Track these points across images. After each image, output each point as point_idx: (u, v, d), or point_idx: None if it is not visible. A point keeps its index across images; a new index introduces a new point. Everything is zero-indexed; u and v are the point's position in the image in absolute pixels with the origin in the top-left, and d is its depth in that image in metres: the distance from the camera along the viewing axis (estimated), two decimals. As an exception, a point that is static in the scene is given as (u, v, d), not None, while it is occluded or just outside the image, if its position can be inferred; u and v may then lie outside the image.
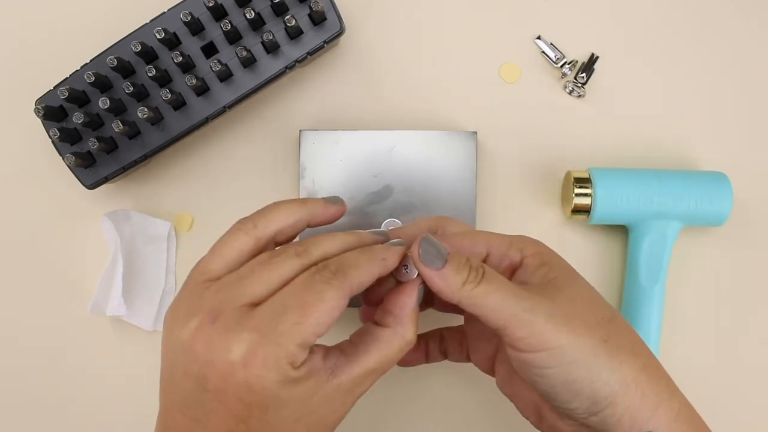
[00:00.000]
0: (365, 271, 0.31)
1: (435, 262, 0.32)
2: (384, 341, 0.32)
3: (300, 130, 0.47)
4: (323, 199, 0.35)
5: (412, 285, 0.34)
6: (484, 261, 0.35)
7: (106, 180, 0.45)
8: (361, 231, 0.35)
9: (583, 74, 0.49)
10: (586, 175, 0.47)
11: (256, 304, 0.30)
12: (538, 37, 0.49)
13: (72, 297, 0.49)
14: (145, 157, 0.45)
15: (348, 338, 0.33)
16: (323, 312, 0.29)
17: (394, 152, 0.47)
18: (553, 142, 0.50)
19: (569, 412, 0.33)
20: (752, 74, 0.51)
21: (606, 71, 0.50)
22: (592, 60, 0.49)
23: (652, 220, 0.46)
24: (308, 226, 0.35)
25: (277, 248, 0.33)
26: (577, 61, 0.50)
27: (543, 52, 0.49)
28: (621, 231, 0.49)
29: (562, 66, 0.49)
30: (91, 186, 0.46)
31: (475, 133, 0.47)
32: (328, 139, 0.47)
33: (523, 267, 0.35)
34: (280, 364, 0.28)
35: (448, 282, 0.32)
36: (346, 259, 0.32)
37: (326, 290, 0.30)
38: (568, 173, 0.48)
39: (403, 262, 0.34)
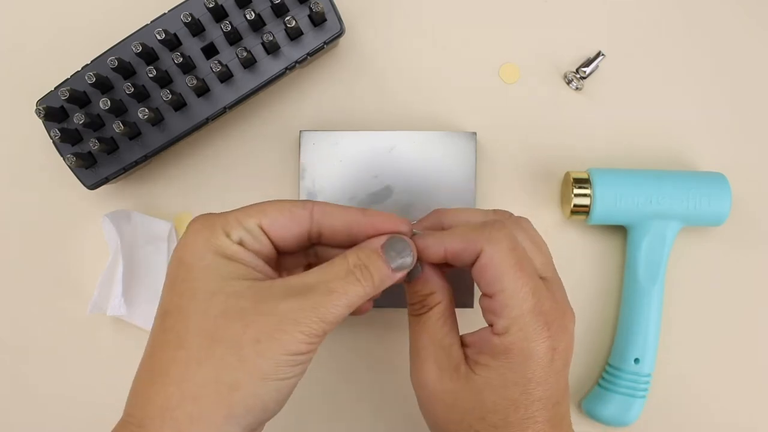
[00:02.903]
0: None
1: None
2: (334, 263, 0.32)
3: (300, 131, 0.47)
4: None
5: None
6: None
7: (106, 180, 0.46)
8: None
9: (585, 68, 0.49)
10: (585, 176, 0.47)
11: None
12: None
13: (72, 297, 0.49)
14: (146, 158, 0.45)
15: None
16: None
17: (394, 153, 0.47)
18: (553, 142, 0.50)
19: None
20: (751, 75, 0.51)
21: (606, 72, 0.50)
22: (597, 56, 0.49)
23: (651, 220, 0.47)
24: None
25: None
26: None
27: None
28: (620, 231, 0.50)
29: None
30: (92, 186, 0.46)
31: (475, 133, 0.47)
32: (328, 140, 0.47)
33: (495, 323, 0.34)
34: None
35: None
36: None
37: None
38: (568, 174, 0.48)
39: None
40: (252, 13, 0.43)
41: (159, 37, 0.43)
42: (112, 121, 0.44)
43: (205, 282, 0.31)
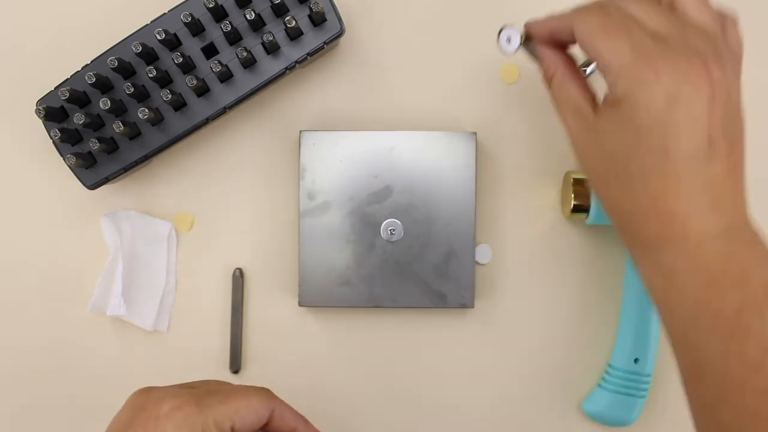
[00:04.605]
0: None
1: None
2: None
3: (300, 131, 0.47)
4: None
5: None
6: None
7: (106, 180, 0.46)
8: None
9: (585, 68, 0.49)
10: (585, 176, 0.47)
11: None
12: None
13: (72, 297, 0.49)
14: (146, 158, 0.45)
15: None
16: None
17: (394, 152, 0.47)
18: (553, 142, 0.50)
19: None
20: (751, 75, 0.51)
21: (605, 72, 0.50)
22: None
23: (651, 220, 0.46)
24: None
25: None
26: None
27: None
28: (620, 231, 0.50)
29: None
30: (92, 186, 0.46)
31: (475, 133, 0.47)
32: (328, 140, 0.47)
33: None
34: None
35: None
36: None
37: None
38: (568, 173, 0.48)
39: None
40: (252, 13, 0.43)
41: (159, 37, 0.43)
42: (112, 121, 0.44)
43: None
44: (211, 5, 0.43)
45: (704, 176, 0.34)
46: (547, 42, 0.39)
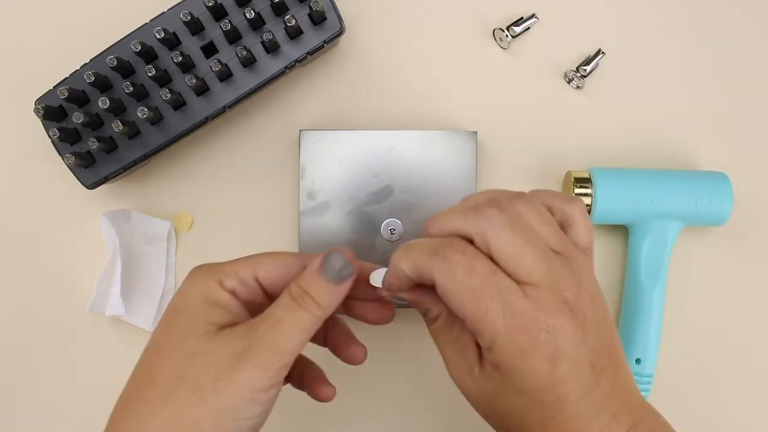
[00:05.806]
0: None
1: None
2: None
3: (300, 130, 0.47)
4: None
5: None
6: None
7: (105, 180, 0.45)
8: None
9: (586, 67, 0.49)
10: (586, 175, 0.47)
11: None
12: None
13: (72, 297, 0.49)
14: (145, 157, 0.45)
15: None
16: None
17: (394, 152, 0.47)
18: (554, 142, 0.50)
19: None
20: (752, 74, 0.51)
21: (606, 70, 0.50)
22: (597, 54, 0.49)
23: (653, 220, 0.46)
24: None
25: None
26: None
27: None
28: (621, 231, 0.49)
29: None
30: (91, 186, 0.46)
31: (475, 132, 0.47)
32: (328, 139, 0.47)
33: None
34: None
35: None
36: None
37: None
38: (569, 173, 0.48)
39: None
40: (252, 11, 0.43)
41: (158, 36, 0.43)
42: (111, 121, 0.43)
43: (183, 323, 0.33)
44: (210, 4, 0.43)
45: (597, 400, 0.33)
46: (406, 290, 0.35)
